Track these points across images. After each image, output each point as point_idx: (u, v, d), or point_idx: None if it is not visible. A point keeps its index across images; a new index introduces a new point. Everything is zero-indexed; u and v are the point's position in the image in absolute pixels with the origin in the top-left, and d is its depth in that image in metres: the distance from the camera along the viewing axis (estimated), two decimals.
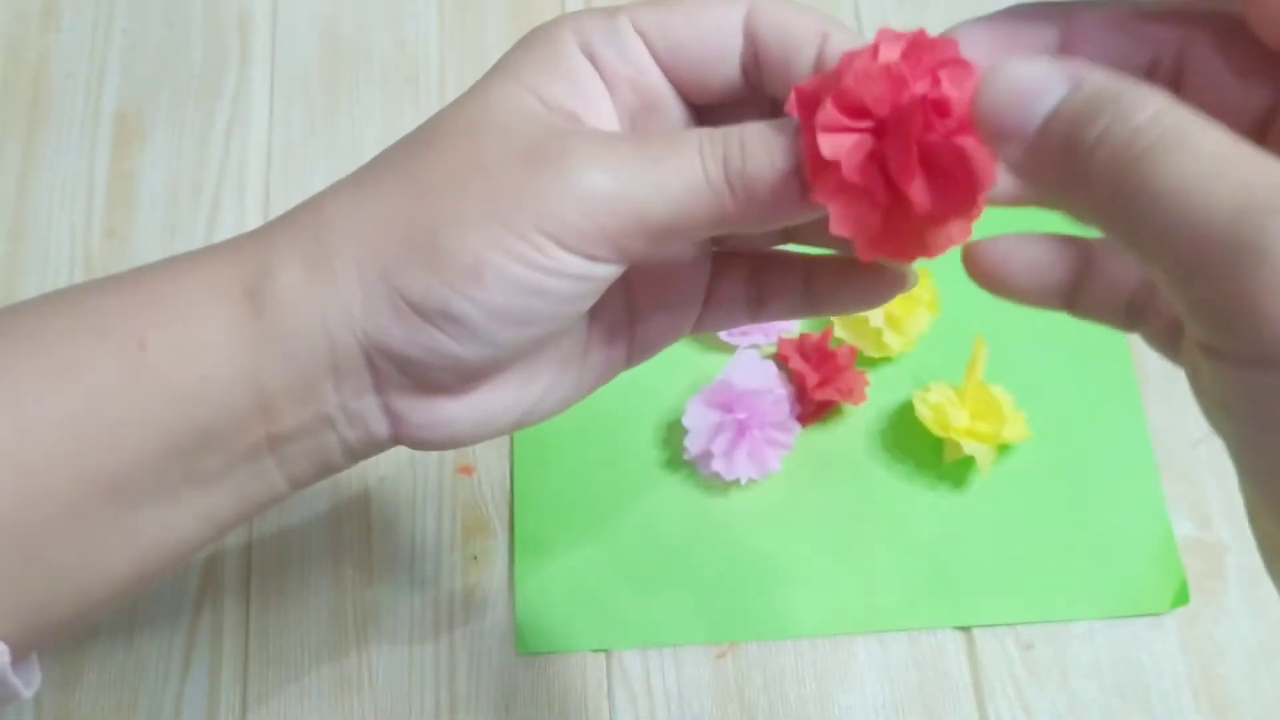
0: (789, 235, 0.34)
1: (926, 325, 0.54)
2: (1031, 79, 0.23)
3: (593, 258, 0.28)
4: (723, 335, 0.54)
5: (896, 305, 0.52)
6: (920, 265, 0.32)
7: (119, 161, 0.60)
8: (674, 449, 0.52)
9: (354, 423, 0.30)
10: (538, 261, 0.27)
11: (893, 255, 0.28)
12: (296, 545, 0.51)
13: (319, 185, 0.60)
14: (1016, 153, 0.23)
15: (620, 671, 0.49)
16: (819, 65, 0.28)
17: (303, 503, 0.52)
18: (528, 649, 0.49)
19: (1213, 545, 0.51)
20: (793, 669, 0.49)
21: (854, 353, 0.52)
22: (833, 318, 0.54)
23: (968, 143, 0.25)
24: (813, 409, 0.52)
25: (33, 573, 0.29)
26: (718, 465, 0.50)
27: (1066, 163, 0.22)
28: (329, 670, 0.49)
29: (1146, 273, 0.24)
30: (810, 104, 0.27)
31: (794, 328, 0.55)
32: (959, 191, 0.26)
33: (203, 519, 0.31)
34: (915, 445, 0.52)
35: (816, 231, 0.29)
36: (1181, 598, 0.49)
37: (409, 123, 0.60)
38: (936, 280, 0.54)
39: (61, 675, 0.49)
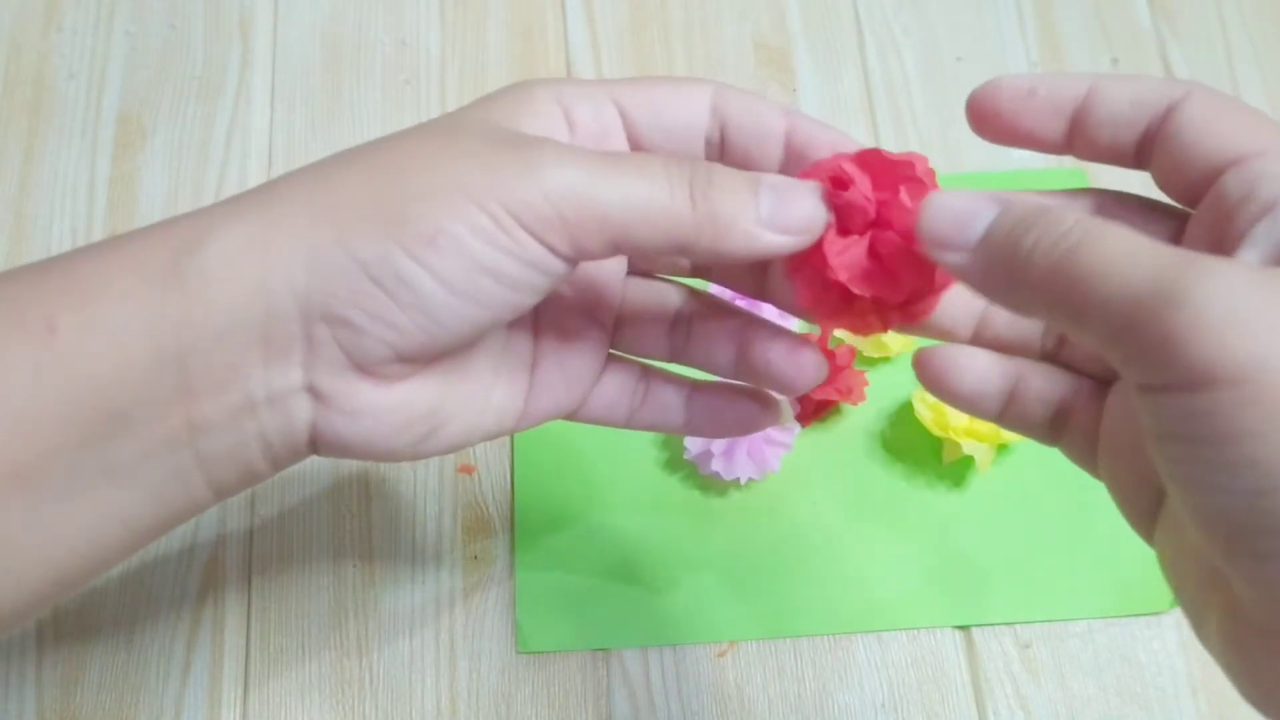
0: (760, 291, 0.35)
1: None
2: (966, 204, 0.28)
3: (550, 247, 0.29)
4: None
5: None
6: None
7: (120, 163, 0.60)
8: (674, 449, 0.52)
9: (276, 407, 0.29)
10: (497, 239, 0.28)
11: (849, 329, 0.32)
12: (298, 545, 0.51)
13: None
14: (961, 265, 0.28)
15: (620, 671, 0.49)
16: (789, 152, 0.32)
17: (304, 502, 0.52)
18: (528, 648, 0.49)
19: None
20: (792, 668, 0.49)
21: (853, 352, 0.52)
22: None
23: (914, 247, 0.29)
24: (812, 409, 0.52)
25: None
26: (717, 465, 0.50)
27: (1010, 266, 0.26)
28: (330, 669, 0.49)
29: (1088, 345, 0.28)
30: (828, 175, 0.30)
31: (793, 327, 0.55)
32: (904, 286, 0.30)
33: (119, 522, 0.29)
34: (914, 445, 0.52)
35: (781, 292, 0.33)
36: None
37: (409, 123, 0.60)
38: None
39: (63, 675, 0.49)
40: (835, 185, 0.30)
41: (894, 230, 0.30)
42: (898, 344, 0.53)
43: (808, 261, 0.31)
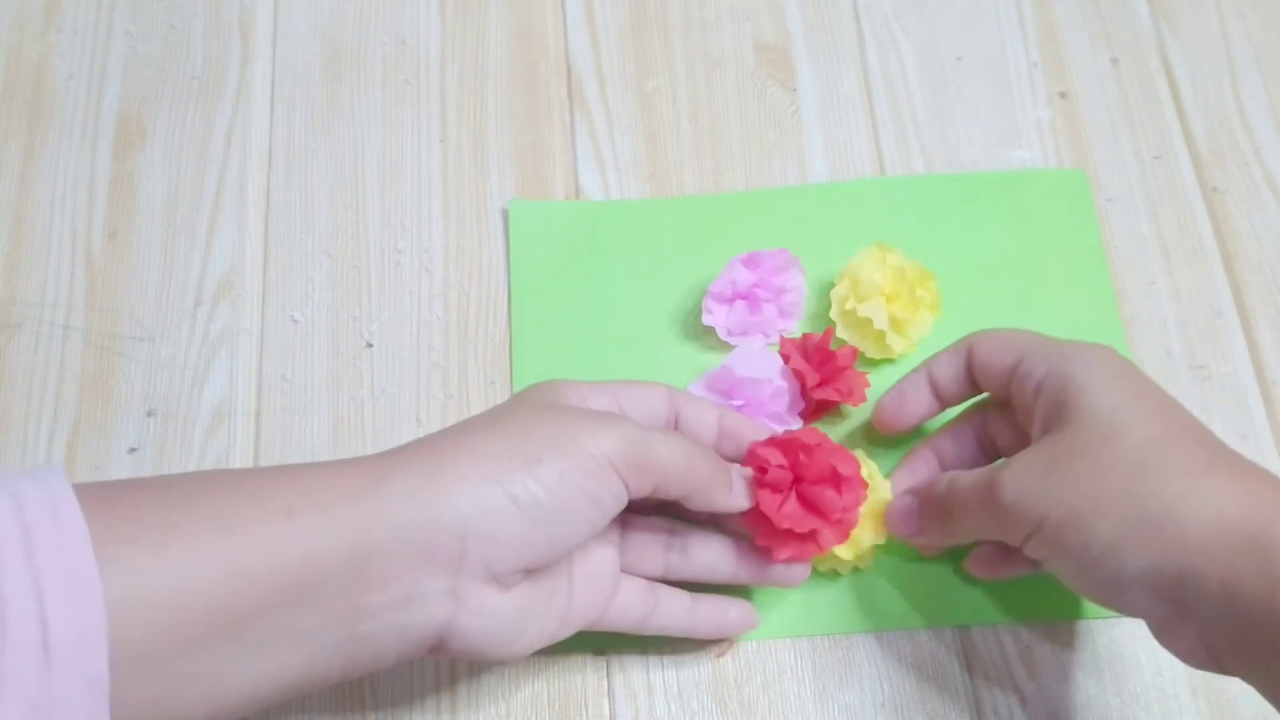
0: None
1: (929, 328, 0.54)
2: (900, 511, 0.48)
3: (625, 482, 0.41)
4: (723, 334, 0.54)
5: (901, 307, 0.52)
6: (925, 267, 0.54)
7: (120, 163, 0.60)
8: None
9: (423, 604, 0.38)
10: (597, 475, 0.40)
11: (797, 558, 0.46)
12: None
13: (320, 185, 0.60)
14: (918, 540, 0.48)
15: (620, 671, 0.49)
16: (722, 430, 0.47)
17: None
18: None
19: None
20: (792, 668, 0.49)
21: (855, 353, 0.52)
22: (835, 318, 0.54)
23: (828, 494, 0.45)
24: (812, 408, 0.52)
25: (152, 687, 0.34)
26: None
27: (937, 526, 0.47)
28: None
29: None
30: (754, 462, 0.46)
31: (794, 327, 0.55)
32: (828, 514, 0.46)
33: (275, 678, 0.37)
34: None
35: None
36: None
37: (409, 123, 0.61)
38: (939, 283, 0.54)
39: None
40: (760, 469, 0.45)
41: (806, 481, 0.45)
42: (900, 346, 0.53)
43: (760, 518, 0.45)
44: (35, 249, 0.58)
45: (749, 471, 0.46)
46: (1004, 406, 0.48)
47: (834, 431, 0.53)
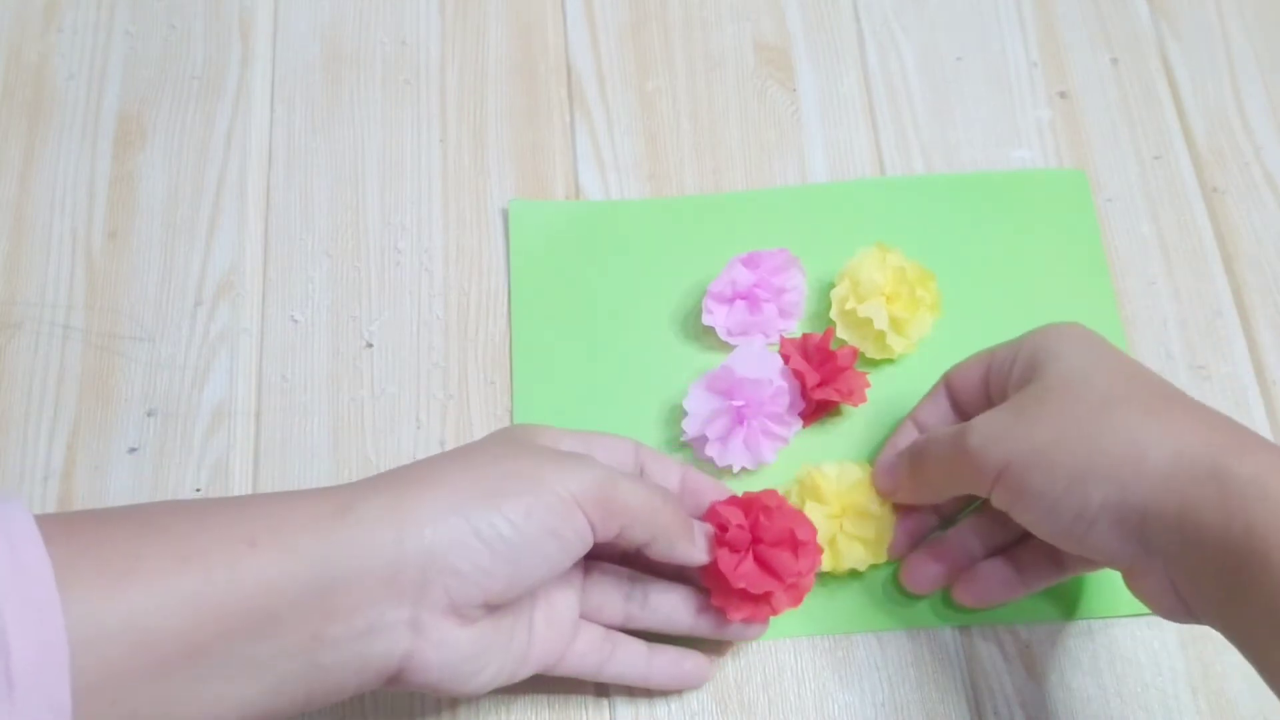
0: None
1: (929, 328, 0.54)
2: (884, 467, 0.50)
3: (590, 523, 0.41)
4: (723, 334, 0.54)
5: (901, 307, 0.52)
6: (925, 267, 0.54)
7: (120, 163, 0.60)
8: (674, 430, 0.52)
9: (384, 634, 0.39)
10: (561, 513, 0.40)
11: (751, 619, 0.47)
12: None
13: (319, 185, 0.60)
14: (901, 495, 0.49)
15: None
16: (685, 487, 0.48)
17: None
18: None
19: None
20: (792, 668, 0.49)
21: (855, 353, 0.52)
22: (835, 318, 0.54)
23: (784, 556, 0.46)
24: (812, 408, 0.52)
25: (114, 714, 0.35)
26: (712, 450, 0.51)
27: (915, 480, 0.48)
28: None
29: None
30: (715, 519, 0.46)
31: (794, 327, 0.55)
32: (783, 577, 0.46)
33: (237, 707, 0.37)
34: None
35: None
36: None
37: (409, 123, 0.61)
38: (940, 283, 0.54)
39: None
40: (720, 528, 0.46)
41: (764, 543, 0.46)
42: (900, 346, 0.53)
43: (717, 575, 0.46)
44: (35, 249, 0.58)
45: (710, 527, 0.46)
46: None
47: (835, 431, 0.53)
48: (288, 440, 0.54)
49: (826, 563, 0.49)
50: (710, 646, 0.49)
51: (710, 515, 0.47)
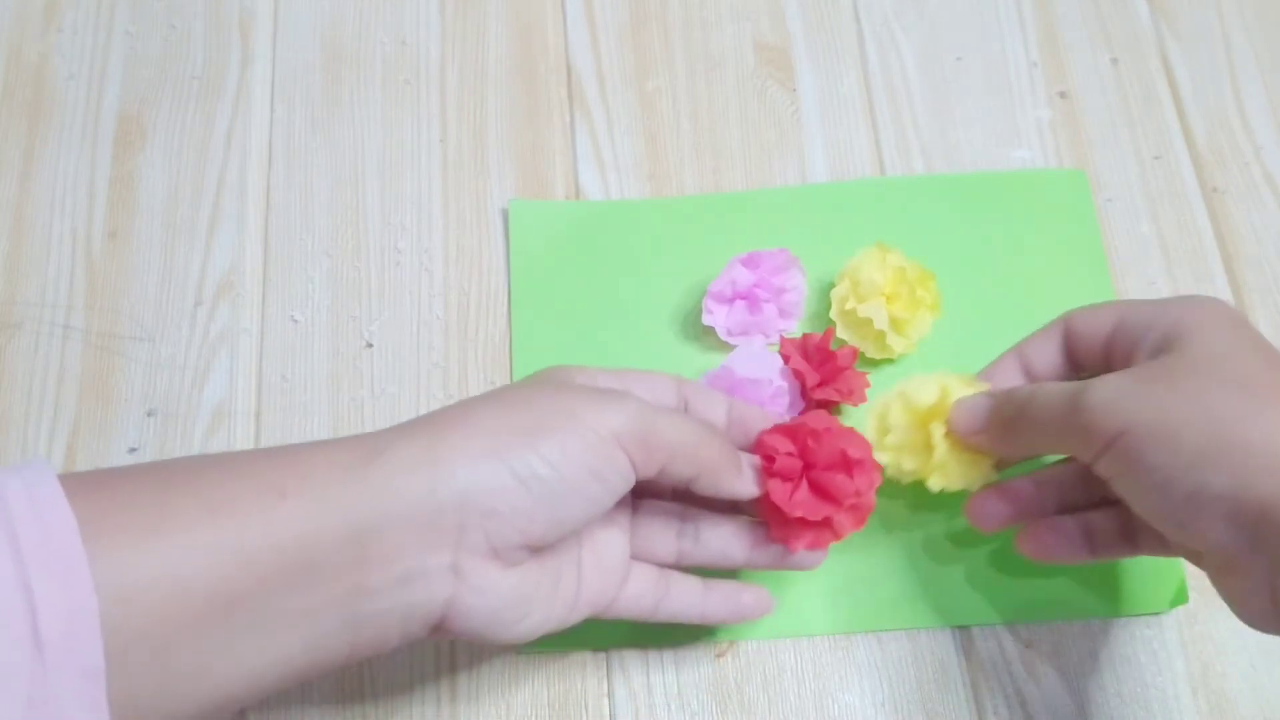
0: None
1: (928, 328, 0.54)
2: (971, 404, 0.46)
3: (631, 461, 0.40)
4: (723, 334, 0.54)
5: (901, 307, 0.52)
6: (925, 267, 0.54)
7: (120, 163, 0.60)
8: None
9: (425, 581, 0.38)
10: (600, 450, 0.39)
11: (814, 545, 0.45)
12: None
13: (320, 185, 0.60)
14: (980, 438, 0.46)
15: (620, 671, 0.49)
16: (731, 419, 0.46)
17: None
18: (528, 648, 0.49)
19: None
20: (792, 668, 0.49)
21: (855, 353, 0.52)
22: (835, 318, 0.54)
23: (839, 479, 0.44)
24: (812, 409, 0.52)
25: (151, 675, 0.34)
26: None
27: (1003, 427, 0.45)
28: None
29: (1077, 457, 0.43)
30: (762, 450, 0.45)
31: (794, 327, 0.55)
32: (840, 500, 0.44)
33: (277, 662, 0.37)
34: None
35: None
36: (1180, 597, 0.49)
37: (409, 122, 0.61)
38: (940, 283, 0.54)
39: None
40: (768, 458, 0.44)
41: (817, 468, 0.44)
42: (900, 346, 0.53)
43: (772, 508, 0.44)
44: (35, 249, 0.58)
45: (757, 459, 0.45)
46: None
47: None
48: (288, 440, 0.54)
49: (938, 482, 0.47)
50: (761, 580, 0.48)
51: (758, 446, 0.45)
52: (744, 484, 0.44)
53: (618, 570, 0.44)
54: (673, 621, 0.46)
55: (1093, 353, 0.46)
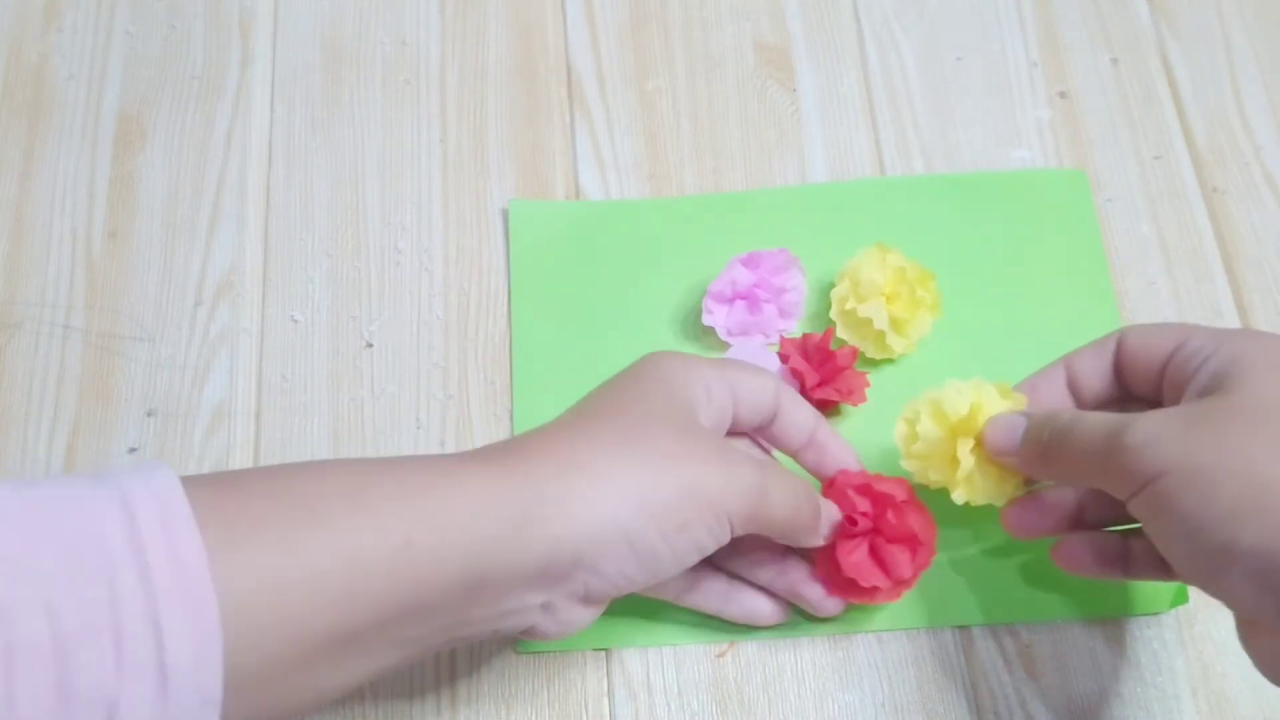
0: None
1: (928, 328, 0.54)
2: (1007, 422, 0.45)
3: (732, 529, 0.42)
4: (723, 334, 0.54)
5: (901, 307, 0.52)
6: (925, 267, 0.54)
7: (120, 163, 0.60)
8: None
9: (519, 614, 0.40)
10: (715, 531, 0.41)
11: (862, 601, 0.47)
12: None
13: (319, 185, 0.60)
14: (1014, 459, 0.45)
15: (620, 671, 0.49)
16: (810, 440, 0.47)
17: None
18: (527, 648, 0.49)
19: None
20: (792, 668, 0.49)
21: (855, 353, 0.52)
22: (835, 318, 0.54)
23: (901, 556, 0.46)
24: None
25: (266, 697, 0.35)
26: None
27: (1039, 451, 0.43)
28: None
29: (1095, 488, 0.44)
30: (840, 499, 0.47)
31: (794, 327, 0.55)
32: (891, 576, 0.46)
33: (372, 674, 0.38)
34: None
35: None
36: (1180, 597, 0.49)
37: (409, 122, 0.61)
38: (940, 283, 0.54)
39: None
40: (849, 519, 0.46)
41: (883, 536, 0.46)
42: (900, 346, 0.53)
43: (829, 555, 0.46)
44: (35, 249, 0.58)
45: (835, 511, 0.46)
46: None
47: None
48: (288, 440, 0.54)
49: (962, 495, 0.46)
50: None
51: (837, 495, 0.47)
52: (818, 539, 0.46)
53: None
54: (693, 609, 0.48)
55: (1147, 375, 0.44)
